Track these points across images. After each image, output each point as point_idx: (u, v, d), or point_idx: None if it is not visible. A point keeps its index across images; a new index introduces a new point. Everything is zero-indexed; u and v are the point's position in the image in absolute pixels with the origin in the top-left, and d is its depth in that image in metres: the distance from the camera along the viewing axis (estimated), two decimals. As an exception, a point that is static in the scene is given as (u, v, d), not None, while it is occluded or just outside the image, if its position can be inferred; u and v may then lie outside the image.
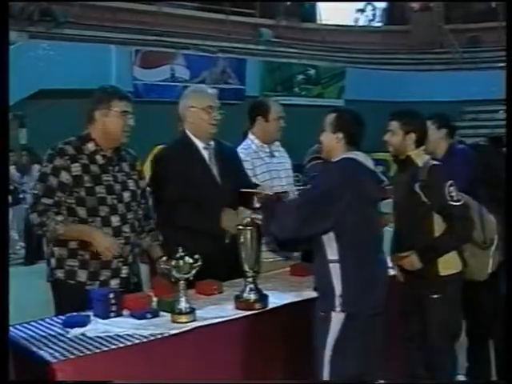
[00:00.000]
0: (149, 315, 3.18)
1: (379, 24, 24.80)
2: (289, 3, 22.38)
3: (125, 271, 3.57)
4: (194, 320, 3.13)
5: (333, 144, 3.34)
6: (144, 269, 3.93)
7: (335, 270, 3.16)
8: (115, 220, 3.52)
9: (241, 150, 4.32)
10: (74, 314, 3.20)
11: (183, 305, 3.14)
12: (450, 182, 3.61)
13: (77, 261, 3.47)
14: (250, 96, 16.20)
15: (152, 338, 2.96)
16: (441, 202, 3.60)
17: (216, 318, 3.20)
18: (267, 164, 4.34)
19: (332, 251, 3.17)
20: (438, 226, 3.66)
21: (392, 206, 3.89)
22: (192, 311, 3.15)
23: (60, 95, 13.22)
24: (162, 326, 3.08)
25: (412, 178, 3.66)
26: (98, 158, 3.54)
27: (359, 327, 3.16)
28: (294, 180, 4.61)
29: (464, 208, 3.67)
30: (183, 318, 3.12)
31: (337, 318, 3.15)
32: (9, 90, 2.61)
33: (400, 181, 3.81)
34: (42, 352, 2.79)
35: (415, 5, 23.44)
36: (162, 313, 3.23)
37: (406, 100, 16.02)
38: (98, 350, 2.82)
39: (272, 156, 4.40)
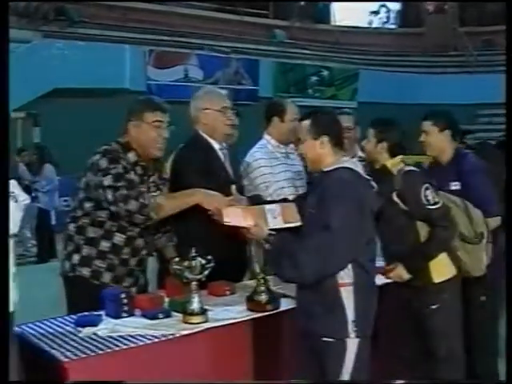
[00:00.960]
0: (161, 315, 3.18)
1: (393, 26, 24.74)
2: (302, 4, 22.35)
3: (142, 280, 3.61)
4: (206, 321, 3.12)
5: (318, 151, 3.03)
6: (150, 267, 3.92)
7: (347, 294, 2.89)
8: (146, 233, 3.56)
9: (256, 150, 4.32)
10: (86, 313, 3.19)
11: (195, 305, 3.13)
12: (425, 185, 3.50)
13: (105, 263, 3.47)
14: (264, 97, 16.24)
15: (163, 338, 2.96)
16: (418, 207, 3.50)
17: (228, 319, 3.18)
18: (283, 164, 4.34)
19: (346, 274, 2.89)
20: (423, 233, 3.56)
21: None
22: (204, 312, 3.14)
23: (74, 94, 13.27)
24: (174, 326, 3.07)
25: (388, 188, 3.52)
26: (138, 168, 3.52)
27: (368, 348, 2.97)
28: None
29: (443, 210, 3.55)
30: (195, 319, 3.11)
31: (352, 345, 2.90)
32: (9, 90, 2.61)
33: (379, 191, 3.36)
34: (53, 351, 2.79)
35: (430, 7, 23.36)
36: (173, 313, 3.22)
37: (420, 102, 15.97)
38: (109, 350, 2.81)
39: (287, 157, 4.40)
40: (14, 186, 2.80)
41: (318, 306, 2.94)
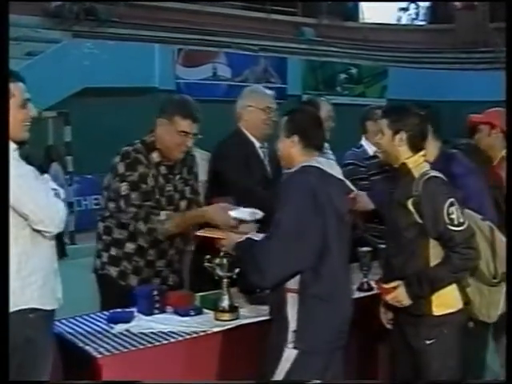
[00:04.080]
0: (192, 312, 3.20)
1: (422, 22, 24.55)
2: (331, 2, 22.27)
3: (172, 279, 3.61)
4: (237, 318, 3.13)
5: (289, 150, 2.90)
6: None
7: (292, 302, 2.74)
8: None
9: None
10: (119, 310, 3.23)
11: (226, 302, 3.14)
12: (450, 200, 2.92)
13: (131, 265, 3.49)
14: (292, 95, 16.21)
15: (195, 335, 2.98)
16: (437, 225, 2.91)
17: (259, 316, 3.16)
18: None
19: (294, 280, 2.73)
20: (435, 253, 2.97)
21: (385, 223, 3.25)
22: (235, 309, 3.15)
23: (104, 93, 13.37)
24: (206, 323, 3.08)
25: (405, 193, 2.98)
26: (162, 168, 3.51)
27: (313, 364, 2.75)
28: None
29: (467, 234, 2.94)
30: (226, 316, 3.13)
31: (288, 355, 2.73)
32: (8, 89, 2.62)
33: (392, 194, 3.13)
34: (87, 347, 2.82)
35: (458, 3, 23.15)
36: (205, 310, 3.24)
37: (449, 99, 15.84)
38: (141, 346, 2.84)
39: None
40: (50, 181, 2.82)
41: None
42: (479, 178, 3.52)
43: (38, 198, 2.60)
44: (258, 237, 2.82)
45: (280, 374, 2.74)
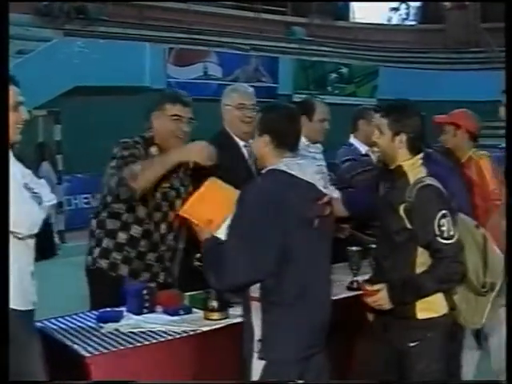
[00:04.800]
0: (181, 312, 3.20)
1: (413, 23, 24.60)
2: (321, 1, 22.28)
3: (162, 277, 3.62)
4: (226, 317, 3.13)
5: (261, 150, 2.75)
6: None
7: (256, 310, 2.62)
8: (163, 227, 3.58)
9: None
10: (108, 309, 3.22)
11: (215, 302, 3.14)
12: (442, 211, 2.85)
13: (121, 255, 3.52)
14: (283, 94, 16.22)
15: (184, 334, 2.98)
16: (426, 235, 2.86)
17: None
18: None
19: (254, 287, 2.61)
20: (421, 261, 2.93)
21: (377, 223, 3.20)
22: (225, 308, 3.15)
23: (95, 92, 13.34)
24: (195, 322, 3.09)
25: (397, 197, 2.92)
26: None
27: (282, 374, 2.61)
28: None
29: (456, 248, 2.89)
30: (215, 315, 3.13)
31: (256, 366, 2.62)
32: (8, 89, 2.63)
33: (384, 196, 3.08)
34: (75, 346, 2.82)
35: (447, 3, 23.20)
36: (194, 310, 3.24)
37: (440, 99, 15.87)
38: (131, 346, 2.84)
39: (313, 158, 4.38)
40: (42, 185, 2.81)
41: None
42: (457, 176, 3.53)
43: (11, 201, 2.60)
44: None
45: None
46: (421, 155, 3.02)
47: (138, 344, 2.86)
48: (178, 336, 2.96)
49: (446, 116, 4.25)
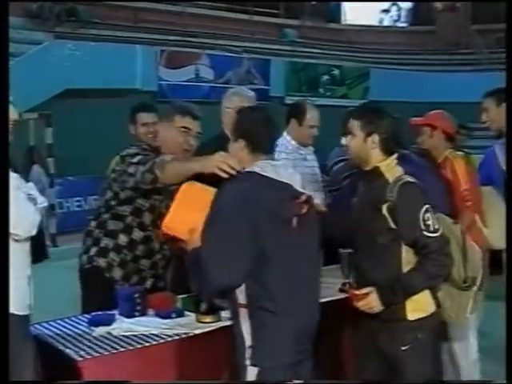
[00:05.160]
0: (174, 315, 3.19)
1: (404, 24, 24.65)
2: (313, 3, 22.31)
3: (149, 282, 3.62)
4: (218, 320, 3.13)
5: (237, 154, 2.77)
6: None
7: (244, 317, 2.62)
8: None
9: (279, 149, 4.29)
10: (100, 312, 3.22)
11: (207, 305, 3.14)
12: (426, 206, 2.87)
13: (119, 258, 3.52)
14: (275, 96, 16.24)
15: (177, 337, 2.97)
16: (413, 231, 2.86)
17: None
18: (301, 167, 4.31)
19: (240, 294, 2.60)
20: (407, 259, 2.93)
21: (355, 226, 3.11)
22: (217, 311, 3.15)
23: (86, 95, 13.31)
24: (187, 325, 3.08)
25: (379, 197, 2.91)
26: None
27: (273, 380, 2.62)
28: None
29: (442, 241, 2.92)
30: (208, 318, 3.12)
31: (251, 373, 2.62)
32: (9, 90, 2.63)
33: (364, 197, 3.06)
34: (67, 350, 2.81)
35: (438, 5, 23.27)
36: (187, 313, 3.23)
37: (431, 101, 15.90)
38: (123, 349, 2.83)
39: (304, 159, 4.40)
40: (31, 188, 2.81)
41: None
42: (433, 177, 3.51)
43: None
44: None
45: None
46: (395, 156, 3.02)
47: (130, 347, 2.85)
48: (170, 339, 2.95)
49: (422, 118, 4.26)
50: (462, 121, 8.66)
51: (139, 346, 2.87)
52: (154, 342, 2.92)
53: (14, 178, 2.69)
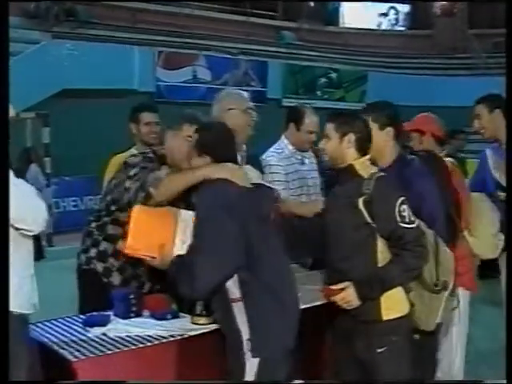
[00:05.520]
0: (169, 316, 3.19)
1: (402, 28, 24.69)
2: (311, 5, 22.33)
3: (147, 286, 3.61)
4: (213, 322, 3.12)
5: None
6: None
7: (239, 311, 2.74)
8: None
9: (273, 154, 4.30)
10: (95, 313, 3.22)
11: (202, 306, 3.14)
12: (401, 198, 2.91)
13: (117, 263, 3.51)
14: (272, 99, 16.25)
15: (172, 338, 2.97)
16: (389, 223, 2.90)
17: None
18: (298, 172, 4.32)
19: (233, 288, 2.75)
20: (382, 253, 2.96)
21: (325, 227, 3.13)
22: (211, 313, 3.14)
23: (83, 95, 13.30)
24: (182, 327, 3.08)
25: (354, 192, 2.94)
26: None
27: (275, 370, 2.75)
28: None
29: (418, 232, 2.96)
30: (202, 320, 3.13)
31: (250, 365, 2.72)
32: (9, 90, 2.62)
33: (339, 195, 3.09)
34: (62, 351, 2.81)
35: (437, 9, 23.31)
36: (182, 314, 3.23)
37: (428, 104, 15.93)
38: (118, 350, 2.83)
39: (302, 163, 4.38)
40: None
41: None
42: (430, 181, 3.34)
43: (20, 196, 2.58)
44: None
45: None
46: (368, 157, 3.08)
47: (125, 348, 2.85)
48: (165, 340, 2.96)
49: (410, 123, 4.07)
50: (459, 125, 8.79)
51: (134, 347, 2.87)
52: (149, 344, 2.92)
53: (14, 176, 2.68)
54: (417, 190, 3.17)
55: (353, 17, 23.09)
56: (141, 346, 2.89)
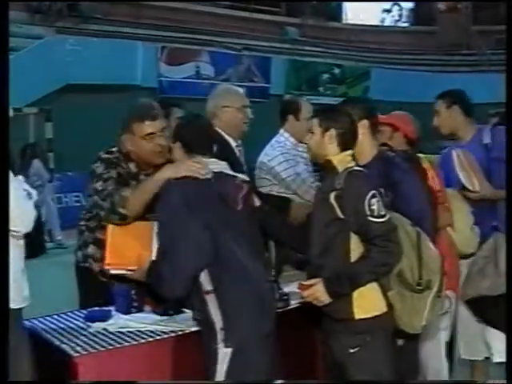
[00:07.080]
0: (171, 311, 3.19)
1: (405, 24, 24.65)
2: (315, 2, 22.29)
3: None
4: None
5: (177, 155, 3.07)
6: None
7: (212, 302, 2.79)
8: None
9: (278, 148, 4.31)
10: (96, 308, 3.22)
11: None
12: (371, 192, 2.86)
13: None
14: (275, 94, 16.22)
15: (173, 334, 2.97)
16: (357, 216, 2.84)
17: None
18: (299, 165, 4.32)
19: (205, 280, 2.80)
20: (355, 250, 2.90)
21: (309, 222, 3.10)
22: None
23: (86, 90, 13.31)
24: (184, 322, 3.08)
25: (328, 187, 2.94)
26: (142, 178, 3.37)
27: (248, 360, 2.79)
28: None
29: (387, 227, 2.87)
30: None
31: (223, 355, 2.77)
32: (9, 89, 2.62)
33: (318, 190, 3.14)
34: (63, 345, 2.81)
35: (441, 5, 23.27)
36: (183, 309, 3.23)
37: (431, 101, 15.91)
38: (119, 345, 2.83)
39: (302, 157, 4.40)
40: (22, 181, 2.80)
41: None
42: (413, 180, 3.27)
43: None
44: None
45: (220, 376, 2.77)
46: (350, 152, 3.03)
47: (127, 344, 2.85)
48: (166, 336, 2.96)
49: (385, 116, 3.84)
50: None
51: (135, 343, 2.87)
52: (150, 339, 2.92)
53: (12, 176, 2.69)
54: (404, 188, 3.13)
55: (356, 13, 23.06)
56: (142, 341, 2.89)
